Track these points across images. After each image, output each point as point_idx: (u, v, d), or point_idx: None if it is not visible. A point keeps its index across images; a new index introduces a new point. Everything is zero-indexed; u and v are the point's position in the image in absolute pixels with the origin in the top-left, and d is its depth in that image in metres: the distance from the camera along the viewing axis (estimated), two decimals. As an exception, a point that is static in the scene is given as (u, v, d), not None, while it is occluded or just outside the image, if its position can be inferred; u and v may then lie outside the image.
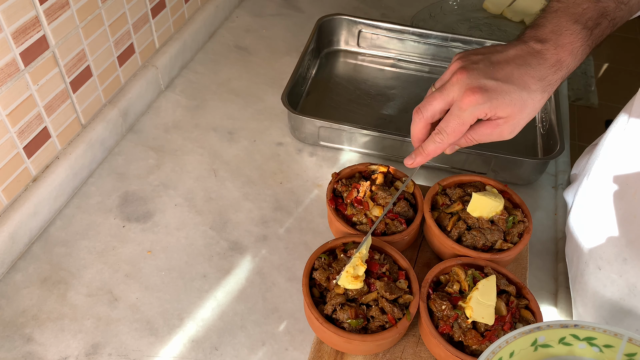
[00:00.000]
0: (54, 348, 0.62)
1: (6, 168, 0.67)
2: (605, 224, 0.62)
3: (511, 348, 0.51)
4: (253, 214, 0.77)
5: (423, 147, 0.61)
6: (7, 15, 0.61)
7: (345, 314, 0.58)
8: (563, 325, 0.52)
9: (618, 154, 0.62)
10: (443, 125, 0.58)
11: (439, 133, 0.59)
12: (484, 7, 1.19)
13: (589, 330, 0.51)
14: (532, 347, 0.51)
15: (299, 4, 1.20)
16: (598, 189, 0.64)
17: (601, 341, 0.51)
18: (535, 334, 0.51)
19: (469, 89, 0.55)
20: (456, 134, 0.58)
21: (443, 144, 0.59)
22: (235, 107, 0.94)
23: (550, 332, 0.52)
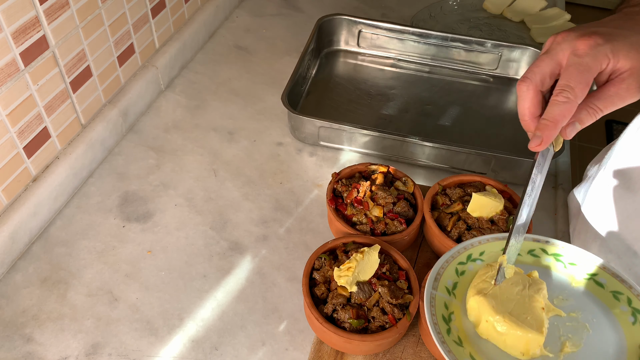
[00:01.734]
0: (54, 348, 0.62)
1: (6, 168, 0.67)
2: (616, 219, 0.62)
3: (482, 248, 0.56)
4: (253, 214, 0.77)
5: (547, 117, 0.50)
6: (7, 15, 0.61)
7: (346, 314, 0.58)
8: (535, 240, 0.57)
9: (632, 151, 0.62)
10: (564, 80, 0.49)
11: (562, 91, 0.49)
12: (484, 7, 1.19)
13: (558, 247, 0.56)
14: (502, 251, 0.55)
15: (299, 4, 1.20)
16: (610, 184, 0.64)
17: (567, 259, 0.55)
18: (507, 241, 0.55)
19: (583, 36, 0.49)
20: (582, 87, 0.48)
21: (570, 102, 0.48)
22: (235, 107, 0.94)
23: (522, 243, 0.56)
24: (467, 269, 0.55)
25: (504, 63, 1.02)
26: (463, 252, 0.56)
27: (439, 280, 0.53)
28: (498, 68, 1.02)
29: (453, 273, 0.55)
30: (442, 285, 0.53)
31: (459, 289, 0.54)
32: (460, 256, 0.55)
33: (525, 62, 1.00)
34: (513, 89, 1.01)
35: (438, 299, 0.52)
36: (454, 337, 0.50)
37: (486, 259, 0.56)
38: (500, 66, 1.02)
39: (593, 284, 0.54)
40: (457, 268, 0.55)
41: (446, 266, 0.54)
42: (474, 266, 0.55)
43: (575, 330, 0.51)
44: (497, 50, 1.00)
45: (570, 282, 0.55)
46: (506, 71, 1.02)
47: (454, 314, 0.52)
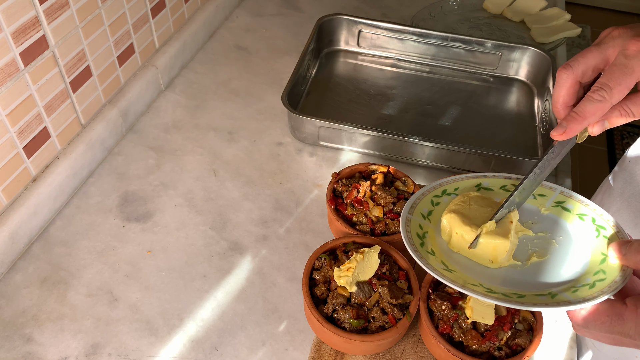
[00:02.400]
0: (53, 348, 0.62)
1: (6, 168, 0.67)
2: (629, 192, 0.66)
3: (457, 185, 0.62)
4: (253, 214, 0.77)
5: (577, 111, 0.50)
6: (7, 15, 0.61)
7: (346, 314, 0.58)
8: (506, 177, 0.62)
9: None
10: (604, 79, 0.48)
11: (599, 89, 0.48)
12: (484, 7, 1.19)
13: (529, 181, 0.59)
14: (475, 188, 0.61)
15: (299, 4, 1.20)
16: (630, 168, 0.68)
17: (537, 191, 0.60)
18: (480, 179, 0.62)
19: (636, 36, 0.47)
20: (621, 89, 0.48)
21: (604, 102, 0.48)
22: (235, 107, 0.94)
23: (494, 180, 0.62)
24: (442, 200, 0.60)
25: (504, 63, 1.02)
26: (438, 187, 0.61)
27: (415, 208, 0.58)
28: (498, 68, 1.02)
29: (428, 203, 0.60)
30: (417, 212, 0.58)
31: (433, 215, 0.59)
32: (436, 190, 0.61)
33: (525, 62, 1.00)
34: (513, 89, 1.01)
35: (413, 221, 0.57)
36: (427, 249, 0.54)
37: (459, 194, 0.61)
38: (500, 66, 1.02)
39: (560, 210, 0.59)
40: (433, 200, 0.60)
41: (422, 197, 0.60)
42: (448, 199, 0.60)
43: (543, 244, 0.56)
44: (497, 50, 1.00)
45: (540, 210, 0.59)
46: (506, 71, 1.02)
47: (428, 233, 0.57)
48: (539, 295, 0.50)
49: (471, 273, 0.53)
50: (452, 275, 0.51)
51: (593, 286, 0.48)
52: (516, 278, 0.52)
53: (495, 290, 0.50)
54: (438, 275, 0.49)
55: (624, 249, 0.48)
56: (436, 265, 0.52)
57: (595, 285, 0.49)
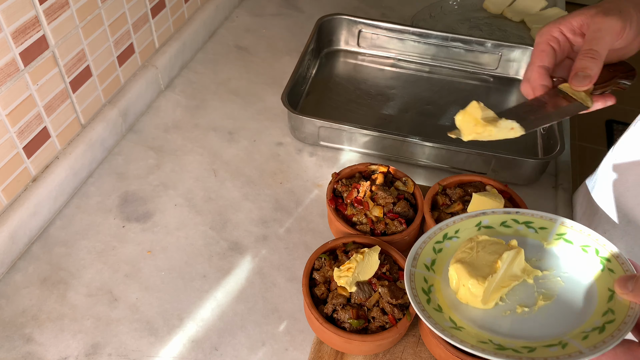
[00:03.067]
0: (53, 348, 0.62)
1: (6, 168, 0.67)
2: (618, 191, 0.66)
3: (457, 227, 0.60)
4: (253, 214, 0.77)
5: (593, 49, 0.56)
6: (7, 15, 0.61)
7: (346, 314, 0.58)
8: (506, 212, 0.60)
9: None
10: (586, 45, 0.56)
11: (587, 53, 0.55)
12: (484, 7, 1.19)
13: (528, 216, 0.60)
14: (476, 227, 0.60)
15: (299, 4, 1.20)
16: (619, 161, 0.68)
17: (537, 224, 0.59)
18: (480, 217, 0.60)
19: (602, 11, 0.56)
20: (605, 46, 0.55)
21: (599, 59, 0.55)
22: (235, 107, 0.94)
23: (494, 216, 0.61)
24: (444, 246, 0.59)
25: (504, 63, 1.02)
26: (439, 232, 0.59)
27: (417, 259, 0.57)
28: (498, 68, 1.02)
29: (431, 251, 0.58)
30: (420, 263, 0.56)
31: (437, 264, 0.57)
32: (437, 236, 0.59)
33: (526, 62, 1.00)
34: (513, 89, 1.01)
35: (417, 274, 0.55)
36: (434, 306, 0.53)
37: (461, 236, 0.59)
38: (500, 66, 1.02)
39: (563, 243, 0.58)
40: (435, 247, 0.58)
41: (424, 246, 0.58)
42: (450, 243, 0.59)
43: (549, 284, 0.55)
44: (497, 50, 1.00)
45: (542, 244, 0.58)
46: (506, 71, 1.02)
47: (434, 286, 0.55)
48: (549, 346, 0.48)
49: (481, 326, 0.51)
50: (461, 334, 0.50)
51: (603, 330, 0.47)
52: (525, 327, 0.51)
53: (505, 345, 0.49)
54: (447, 337, 0.48)
55: (631, 285, 0.46)
56: (444, 324, 0.50)
57: (605, 328, 0.47)
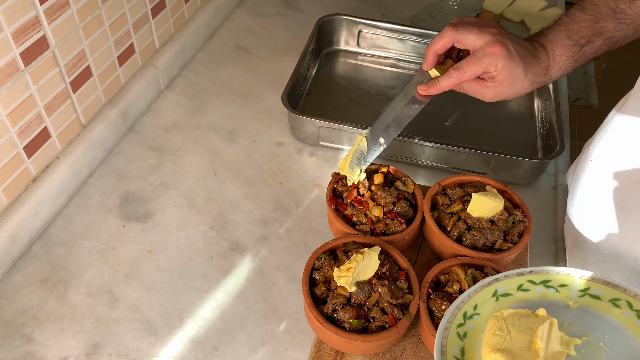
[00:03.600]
0: (54, 348, 0.62)
1: (6, 168, 0.67)
2: (598, 194, 0.66)
3: (474, 301, 0.54)
4: (253, 214, 0.77)
5: (439, 81, 0.67)
6: (7, 15, 0.61)
7: (346, 314, 0.58)
8: (519, 274, 0.55)
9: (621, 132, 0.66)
10: (463, 63, 0.64)
11: (457, 69, 0.65)
12: (483, 7, 1.19)
13: (543, 274, 0.54)
14: (493, 297, 0.54)
15: (299, 4, 1.20)
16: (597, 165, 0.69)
17: (556, 282, 0.54)
18: (494, 285, 0.55)
19: (499, 42, 0.62)
20: (470, 74, 0.64)
21: (457, 79, 0.65)
22: (235, 107, 0.94)
23: (508, 281, 0.55)
24: (468, 328, 0.54)
25: (504, 63, 1.01)
26: (457, 312, 0.54)
27: (446, 353, 0.51)
28: (498, 68, 1.02)
29: (456, 339, 0.53)
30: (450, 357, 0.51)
31: (467, 354, 0.52)
32: (457, 318, 0.54)
33: (525, 62, 1.00)
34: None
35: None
36: None
37: (482, 312, 0.54)
38: (500, 66, 1.02)
39: (589, 299, 0.53)
40: (458, 332, 0.53)
41: (447, 334, 0.53)
42: (473, 323, 0.54)
43: (593, 354, 0.50)
44: (497, 50, 1.00)
45: (567, 304, 0.54)
46: (506, 71, 1.02)
47: None
48: None
49: None
50: None
51: None
52: None
53: None
54: None
55: None
56: None
57: None
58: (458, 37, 0.65)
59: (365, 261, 0.60)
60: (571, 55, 0.64)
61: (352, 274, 0.59)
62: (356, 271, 0.59)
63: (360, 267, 0.59)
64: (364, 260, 0.59)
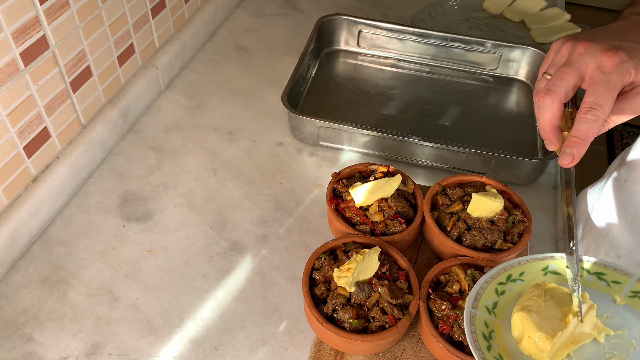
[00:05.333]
0: (54, 348, 0.62)
1: (6, 168, 0.67)
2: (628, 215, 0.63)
3: (522, 269, 0.56)
4: (253, 214, 0.77)
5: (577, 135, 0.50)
6: (7, 15, 0.61)
7: (346, 314, 0.58)
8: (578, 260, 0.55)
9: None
10: (592, 98, 0.49)
11: (590, 109, 0.49)
12: (484, 7, 1.19)
13: (601, 267, 0.55)
14: (542, 272, 0.56)
15: (299, 4, 1.20)
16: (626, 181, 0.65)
17: (610, 277, 0.55)
18: (547, 261, 0.56)
19: (606, 51, 0.49)
20: (609, 105, 0.49)
21: (598, 120, 0.49)
22: (235, 107, 0.94)
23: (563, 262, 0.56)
24: (507, 289, 0.55)
25: (504, 63, 1.02)
26: (503, 272, 0.55)
27: (479, 300, 0.53)
28: (498, 68, 1.02)
29: (493, 293, 0.54)
30: (481, 305, 0.53)
31: (499, 308, 0.54)
32: (500, 277, 0.55)
33: (525, 62, 1.00)
34: (513, 89, 1.01)
35: (478, 317, 0.52)
36: (494, 354, 0.50)
37: (526, 280, 0.55)
38: (500, 66, 1.02)
39: (638, 301, 0.54)
40: (497, 288, 0.55)
41: (486, 286, 0.54)
42: (514, 286, 0.55)
43: (621, 347, 0.51)
44: (497, 50, 1.00)
45: (614, 299, 0.54)
46: (506, 71, 1.02)
47: (495, 331, 0.52)
48: None
49: None
50: None
51: None
52: None
53: None
54: None
55: None
56: None
57: None
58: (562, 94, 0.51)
59: (365, 262, 0.60)
60: None
61: (352, 274, 0.59)
62: (356, 272, 0.59)
63: (360, 268, 0.59)
64: (364, 261, 0.59)
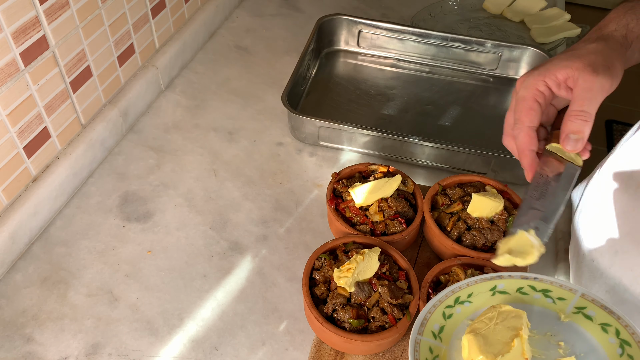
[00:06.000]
0: (54, 348, 0.62)
1: (6, 168, 0.67)
2: (604, 218, 0.63)
3: (470, 290, 0.55)
4: (253, 214, 0.77)
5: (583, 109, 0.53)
6: (7, 15, 0.61)
7: (346, 314, 0.58)
8: (523, 277, 0.56)
9: (630, 151, 0.62)
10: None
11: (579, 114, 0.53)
12: (484, 7, 1.19)
13: (547, 284, 0.55)
14: (490, 292, 0.56)
15: (299, 4, 1.20)
16: (604, 184, 0.64)
17: (556, 294, 0.55)
18: (495, 281, 0.56)
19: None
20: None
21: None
22: (235, 107, 0.94)
23: (510, 281, 0.56)
24: (455, 312, 0.55)
25: (504, 63, 1.02)
26: (451, 295, 0.55)
27: (425, 325, 0.53)
28: (498, 68, 1.02)
29: (440, 317, 0.54)
30: (427, 330, 0.53)
31: (445, 332, 0.54)
32: (448, 299, 0.55)
33: (525, 62, 1.00)
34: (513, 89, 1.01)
35: (423, 343, 0.52)
36: None
37: (474, 301, 0.55)
38: (500, 66, 1.02)
39: (582, 318, 0.54)
40: (445, 312, 0.54)
41: (433, 310, 0.54)
42: (462, 309, 0.55)
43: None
44: (497, 50, 1.00)
45: (559, 316, 0.55)
46: (506, 71, 1.02)
47: (439, 357, 0.52)
48: None
49: None
50: None
51: None
52: None
53: None
54: None
55: None
56: None
57: None
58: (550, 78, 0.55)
59: (365, 262, 0.60)
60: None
61: (352, 274, 0.59)
62: (356, 272, 0.59)
63: (360, 268, 0.59)
64: (364, 261, 0.59)
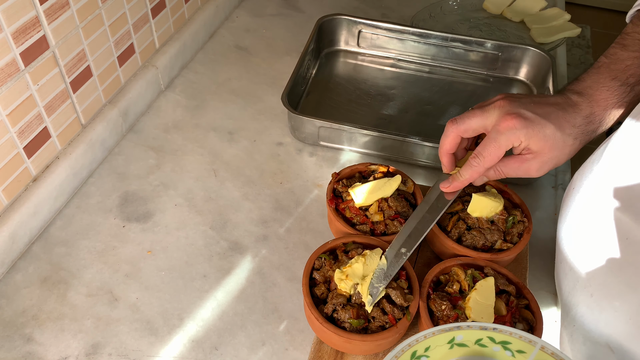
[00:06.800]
0: (54, 348, 0.62)
1: (6, 168, 0.67)
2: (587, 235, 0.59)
3: (428, 343, 0.53)
4: (253, 214, 0.77)
5: (460, 173, 0.63)
6: (7, 15, 0.61)
7: (346, 314, 0.58)
8: (482, 328, 0.53)
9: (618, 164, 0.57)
10: (480, 149, 0.59)
11: (475, 157, 0.60)
12: (484, 7, 1.19)
13: (506, 334, 0.53)
14: (448, 344, 0.53)
15: (299, 4, 1.20)
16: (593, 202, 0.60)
17: (515, 346, 0.53)
18: (454, 332, 0.53)
19: (508, 114, 0.57)
20: (492, 158, 0.59)
21: (479, 167, 0.60)
22: (235, 107, 0.94)
23: (470, 332, 0.53)
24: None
25: (504, 63, 1.02)
26: (407, 349, 0.52)
27: None
28: (498, 68, 1.02)
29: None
30: None
31: None
32: (404, 354, 0.52)
33: (526, 62, 1.00)
34: (513, 89, 1.01)
35: None
36: None
37: (432, 355, 0.53)
38: (500, 66, 1.02)
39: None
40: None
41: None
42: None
43: None
44: (497, 50, 1.00)
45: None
46: (506, 71, 1.02)
47: None
48: None
49: None
50: None
51: None
52: None
53: None
54: None
55: None
56: None
57: None
58: (462, 129, 0.60)
59: (368, 264, 0.60)
60: (621, 96, 0.57)
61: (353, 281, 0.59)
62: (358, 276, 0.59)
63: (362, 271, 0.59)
64: (365, 264, 0.59)
